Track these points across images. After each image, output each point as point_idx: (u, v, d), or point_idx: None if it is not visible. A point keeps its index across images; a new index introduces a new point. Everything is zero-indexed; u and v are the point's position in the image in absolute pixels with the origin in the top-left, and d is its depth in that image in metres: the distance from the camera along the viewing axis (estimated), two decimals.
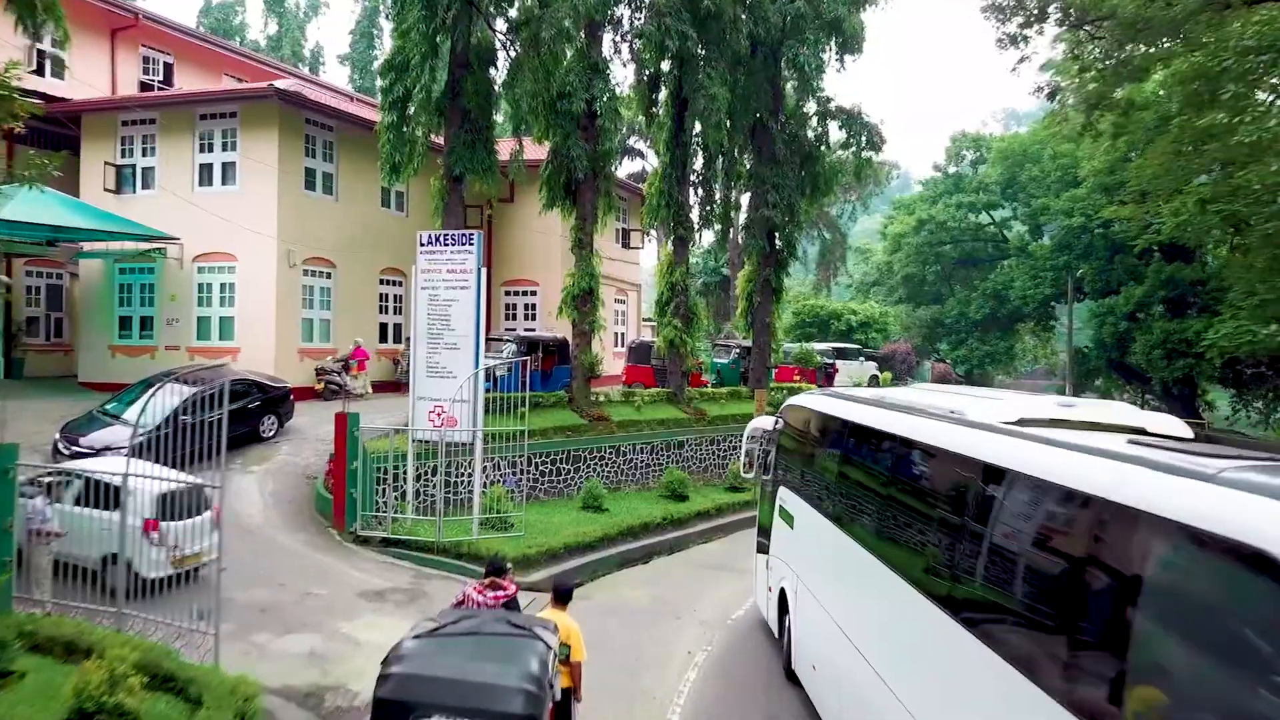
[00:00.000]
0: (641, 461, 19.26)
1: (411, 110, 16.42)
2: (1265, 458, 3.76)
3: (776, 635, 10.34)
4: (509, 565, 7.95)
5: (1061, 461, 4.30)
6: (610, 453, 18.56)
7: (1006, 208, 56.61)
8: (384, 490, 14.12)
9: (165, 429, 14.17)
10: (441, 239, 14.28)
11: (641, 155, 40.59)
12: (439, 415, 14.05)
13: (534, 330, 25.56)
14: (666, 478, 18.75)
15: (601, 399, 19.91)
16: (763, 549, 11.28)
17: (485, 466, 16.08)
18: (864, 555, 6.91)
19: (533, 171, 19.92)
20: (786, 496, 10.15)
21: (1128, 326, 44.90)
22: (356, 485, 13.52)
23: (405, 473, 14.05)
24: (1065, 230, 47.84)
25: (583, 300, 19.05)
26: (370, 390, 19.56)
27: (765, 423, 11.75)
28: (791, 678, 9.36)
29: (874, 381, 31.64)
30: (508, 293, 27.16)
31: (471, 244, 14.07)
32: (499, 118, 22.70)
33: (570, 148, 18.46)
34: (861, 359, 32.87)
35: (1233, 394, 44.63)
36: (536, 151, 20.31)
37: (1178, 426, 5.63)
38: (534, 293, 26.66)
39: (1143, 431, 5.37)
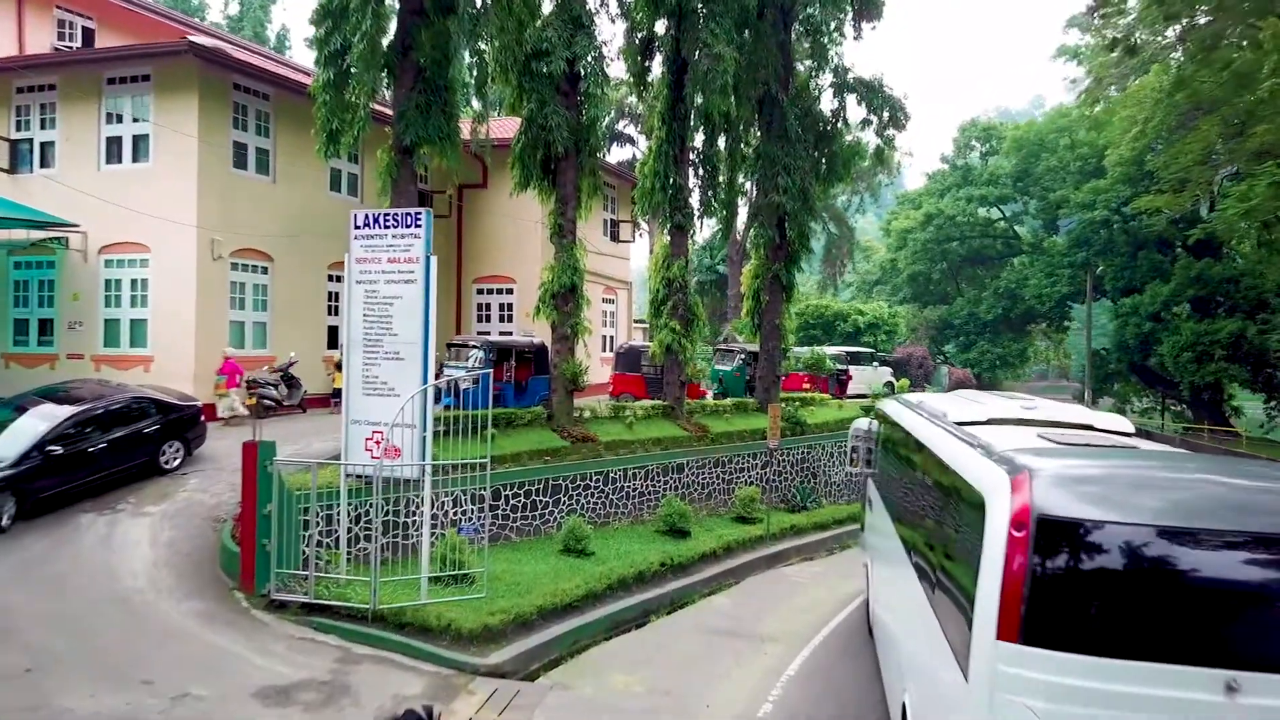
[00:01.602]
0: (634, 489, 16.46)
1: (353, 66, 13.57)
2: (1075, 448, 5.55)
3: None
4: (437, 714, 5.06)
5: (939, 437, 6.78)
6: (597, 480, 15.75)
7: (1018, 201, 54.19)
8: (310, 540, 11.26)
9: (30, 462, 11.24)
10: (381, 220, 11.43)
11: (632, 141, 37.84)
12: (378, 443, 11.19)
13: (510, 335, 22.73)
14: (664, 509, 15.97)
15: (587, 415, 17.10)
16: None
17: (443, 502, 13.26)
18: (887, 523, 9.24)
19: (506, 151, 17.04)
20: (869, 487, 12.10)
21: (1152, 327, 42.45)
22: (270, 535, 10.65)
23: (338, 516, 11.21)
24: (1084, 225, 45.36)
25: (564, 298, 16.24)
26: (242, 410, 16.26)
27: (864, 423, 12.73)
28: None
29: (889, 389, 28.94)
30: (480, 291, 24.30)
31: (418, 226, 11.22)
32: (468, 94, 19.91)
33: (548, 116, 15.65)
34: (875, 364, 30.19)
35: (1266, 400, 42.31)
36: (512, 130, 17.45)
37: (1122, 423, 6.83)
38: (510, 291, 23.83)
39: (1090, 428, 6.62)
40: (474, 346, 16.51)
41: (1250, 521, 4.34)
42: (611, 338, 27.81)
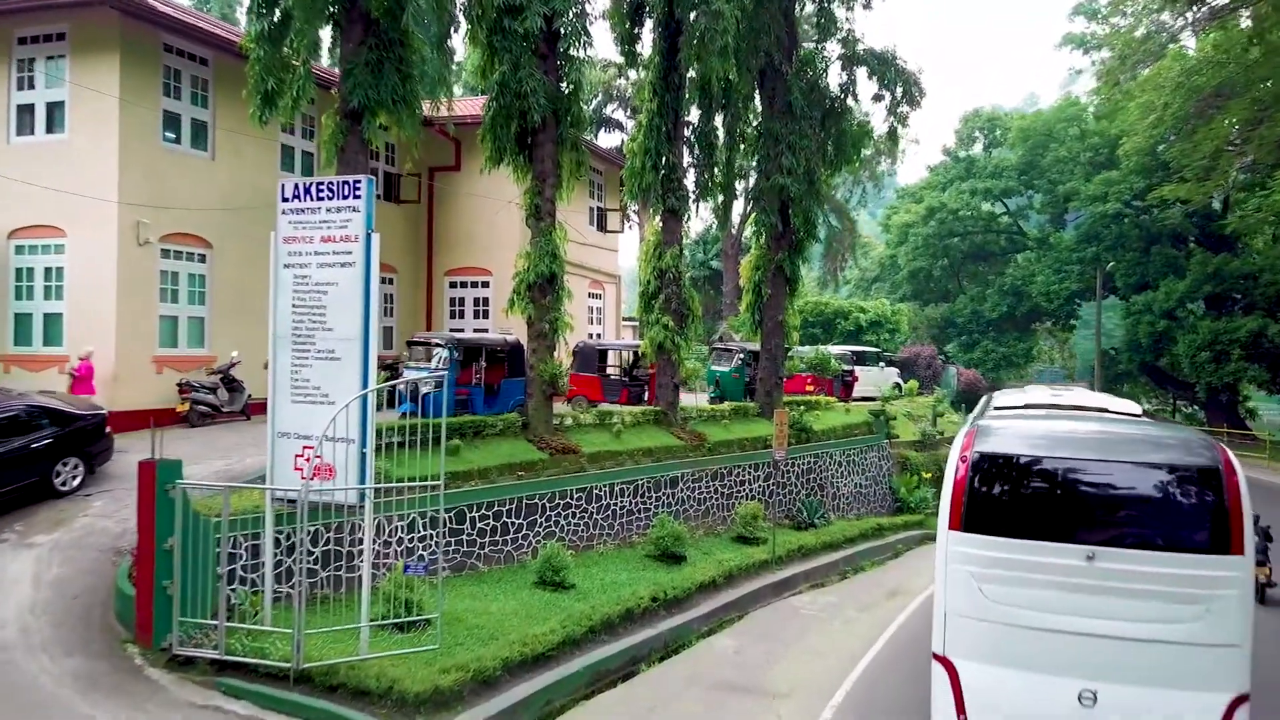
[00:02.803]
0: (621, 507, 14.61)
1: (291, 12, 11.66)
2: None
3: None
4: None
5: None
6: (579, 498, 13.89)
7: (1023, 195, 52.63)
8: (228, 578, 9.37)
9: None
10: (314, 190, 9.53)
11: (620, 127, 35.97)
12: (309, 460, 9.29)
13: (486, 332, 20.86)
14: (655, 530, 14.14)
15: (568, 422, 15.25)
16: None
17: (396, 528, 11.38)
18: None
19: (480, 129, 15.07)
20: None
21: (1167, 325, 40.90)
22: (173, 574, 8.74)
23: (264, 550, 9.34)
24: (1093, 219, 43.78)
25: (541, 290, 14.38)
26: None
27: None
28: None
29: (896, 390, 27.24)
30: (453, 284, 22.39)
31: (358, 197, 9.33)
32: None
33: (523, 81, 13.80)
34: (881, 364, 28.44)
35: None
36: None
37: (1130, 406, 9.27)
38: (486, 284, 21.94)
39: (1104, 410, 8.87)
40: (438, 345, 14.60)
41: (1106, 454, 6.83)
42: (599, 336, 25.95)
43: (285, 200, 9.67)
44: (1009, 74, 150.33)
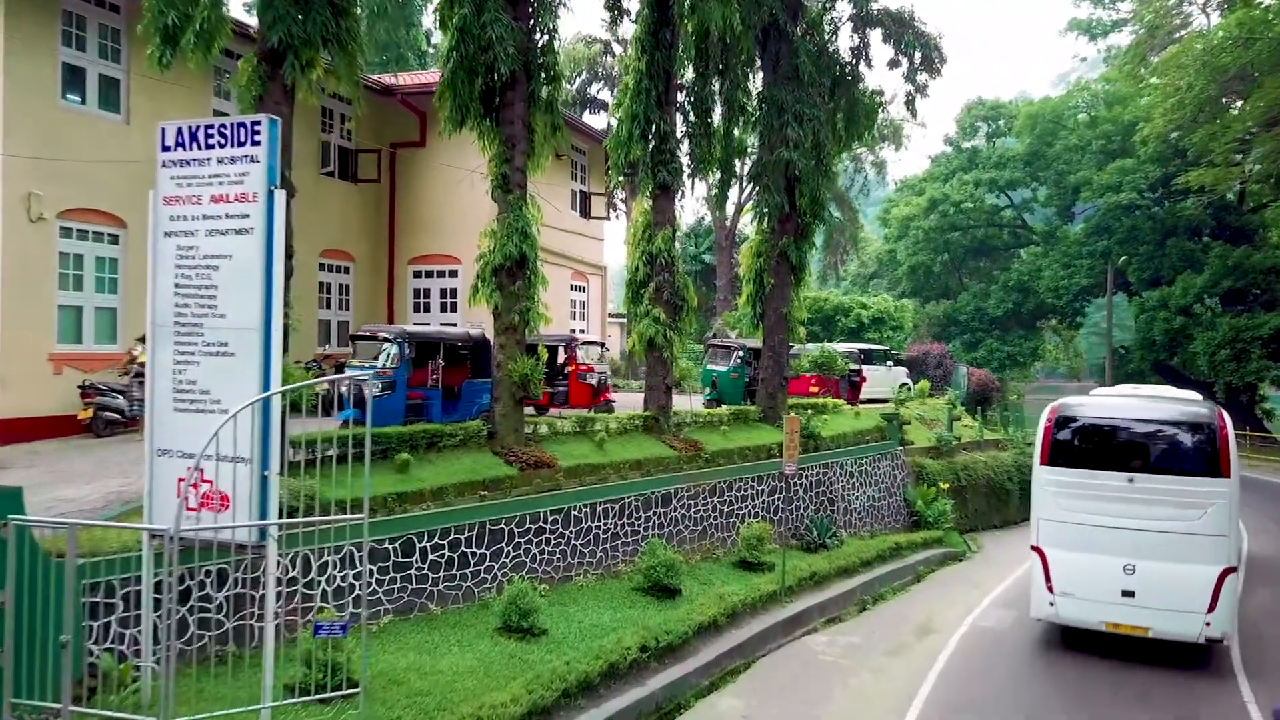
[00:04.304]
0: (605, 531, 12.57)
1: None
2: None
3: None
4: None
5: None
6: (554, 521, 11.84)
7: (1028, 187, 50.89)
8: (89, 634, 7.30)
9: None
10: (202, 136, 7.45)
11: (605, 108, 33.85)
12: (195, 487, 7.21)
13: (455, 326, 18.78)
14: (645, 559, 12.12)
15: (543, 430, 13.19)
16: None
17: (329, 562, 9.31)
18: None
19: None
20: None
21: (1183, 322, 39.25)
22: (3, 640, 6.64)
23: (143, 603, 7.27)
24: (1104, 211, 42.03)
25: (510, 274, 12.34)
26: None
27: None
28: None
29: (906, 391, 25.29)
30: (418, 274, 20.27)
31: (257, 143, 7.25)
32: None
33: (488, 27, 11.75)
34: (889, 363, 26.49)
35: None
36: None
37: (1192, 395, 13.42)
38: (454, 274, 19.84)
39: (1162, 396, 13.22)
40: (386, 339, 12.48)
41: (1141, 417, 11.29)
42: (582, 331, 23.88)
43: (166, 149, 7.60)
44: (999, 71, 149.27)
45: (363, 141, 19.47)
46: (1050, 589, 10.99)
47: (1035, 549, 11.21)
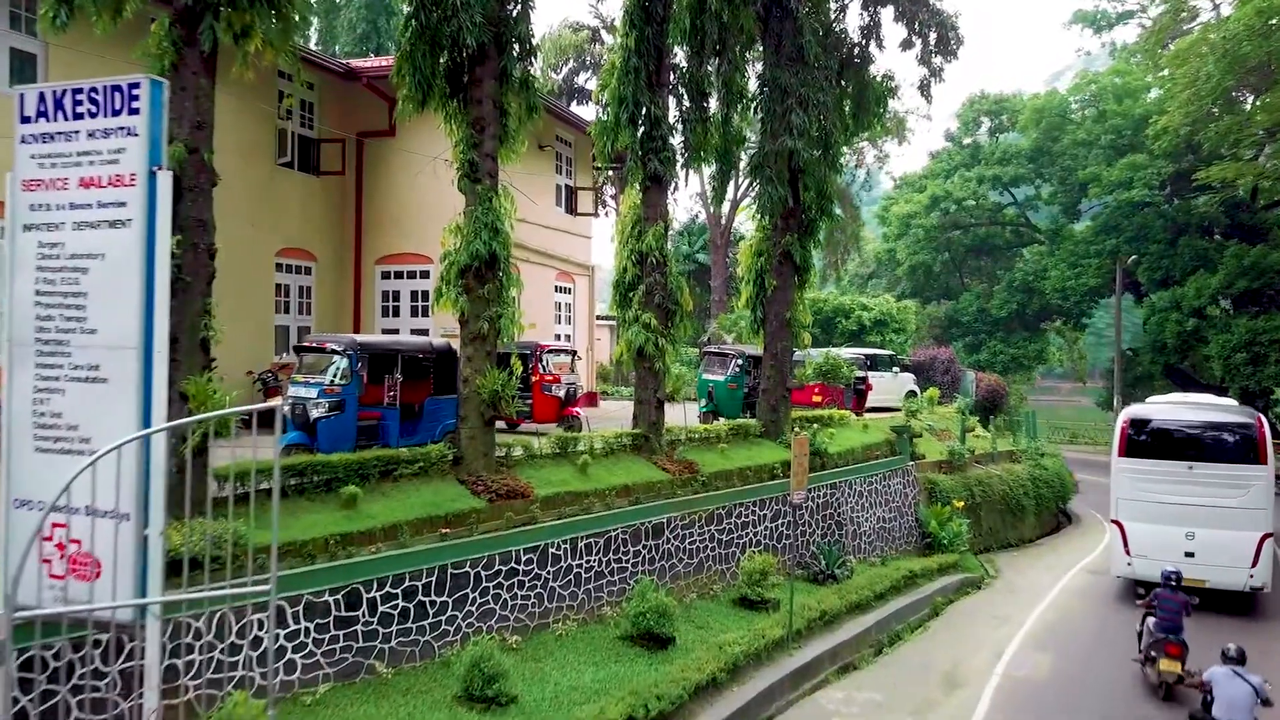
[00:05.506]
0: (587, 569, 11.09)
1: None
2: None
3: None
4: None
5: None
6: (528, 560, 10.35)
7: (1032, 184, 49.61)
8: None
9: None
10: (69, 102, 5.94)
11: (592, 97, 32.34)
12: (62, 549, 5.72)
13: (427, 332, 17.30)
14: (634, 603, 10.64)
15: (517, 453, 11.69)
16: None
17: (253, 621, 7.80)
18: None
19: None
20: None
21: (1196, 324, 37.99)
22: None
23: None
24: (1113, 208, 40.74)
25: (478, 275, 10.85)
26: None
27: None
28: None
29: (911, 398, 23.89)
30: (386, 275, 18.72)
31: (135, 111, 5.77)
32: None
33: None
34: (896, 370, 25.08)
35: None
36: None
37: (1232, 404, 17.27)
38: (427, 275, 18.29)
39: (1213, 406, 16.35)
40: (334, 351, 10.96)
41: (1198, 420, 14.80)
42: (568, 338, 22.40)
43: (26, 120, 6.07)
44: (991, 69, 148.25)
45: (326, 130, 17.94)
46: (1128, 553, 14.60)
47: (1115, 522, 14.96)
